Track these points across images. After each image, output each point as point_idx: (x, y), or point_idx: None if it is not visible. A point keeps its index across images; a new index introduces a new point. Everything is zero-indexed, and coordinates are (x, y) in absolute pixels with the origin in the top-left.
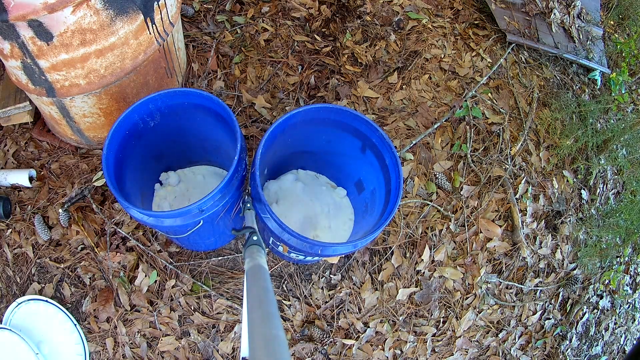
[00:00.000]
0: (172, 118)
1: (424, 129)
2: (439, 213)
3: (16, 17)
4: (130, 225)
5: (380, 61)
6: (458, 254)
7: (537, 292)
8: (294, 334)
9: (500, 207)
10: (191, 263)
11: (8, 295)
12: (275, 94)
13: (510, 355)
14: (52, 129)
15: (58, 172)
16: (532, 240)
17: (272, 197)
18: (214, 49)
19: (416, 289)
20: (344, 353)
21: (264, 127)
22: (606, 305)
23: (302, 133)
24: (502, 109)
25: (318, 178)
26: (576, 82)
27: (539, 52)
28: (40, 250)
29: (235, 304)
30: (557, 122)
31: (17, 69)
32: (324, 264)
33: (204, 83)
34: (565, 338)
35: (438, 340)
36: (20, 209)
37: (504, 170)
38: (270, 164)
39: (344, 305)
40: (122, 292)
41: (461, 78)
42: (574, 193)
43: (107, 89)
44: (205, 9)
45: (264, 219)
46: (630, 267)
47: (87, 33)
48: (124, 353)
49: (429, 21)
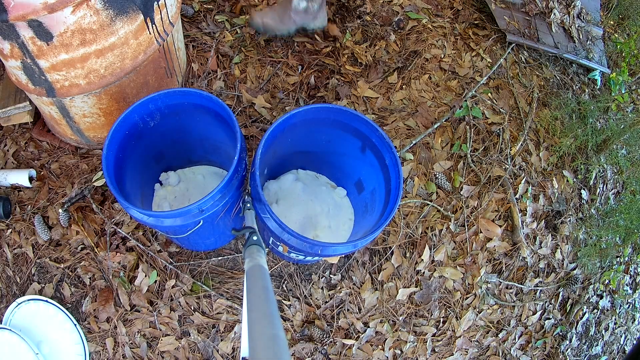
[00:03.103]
0: (172, 118)
1: (424, 129)
2: (439, 213)
3: (16, 17)
4: (130, 225)
5: (380, 61)
6: (458, 254)
7: (537, 292)
8: (294, 334)
9: (500, 207)
10: (191, 263)
11: (8, 295)
12: (275, 94)
13: (510, 355)
14: (52, 129)
15: (58, 172)
16: (532, 240)
17: (272, 197)
18: (214, 49)
19: (416, 289)
20: (344, 353)
21: (264, 127)
22: (606, 305)
23: (302, 133)
24: (502, 109)
25: (318, 178)
26: (576, 82)
27: (539, 52)
28: (40, 250)
29: (235, 304)
30: (556, 122)
31: (17, 69)
32: (324, 264)
33: (204, 83)
34: (565, 338)
35: (438, 340)
36: (20, 209)
37: (504, 170)
38: (270, 164)
39: (344, 305)
40: (122, 292)
41: (461, 78)
42: (574, 193)
43: (107, 89)
44: (205, 9)
45: (264, 219)
46: (630, 267)
47: (87, 33)
48: (124, 353)
49: (429, 21)
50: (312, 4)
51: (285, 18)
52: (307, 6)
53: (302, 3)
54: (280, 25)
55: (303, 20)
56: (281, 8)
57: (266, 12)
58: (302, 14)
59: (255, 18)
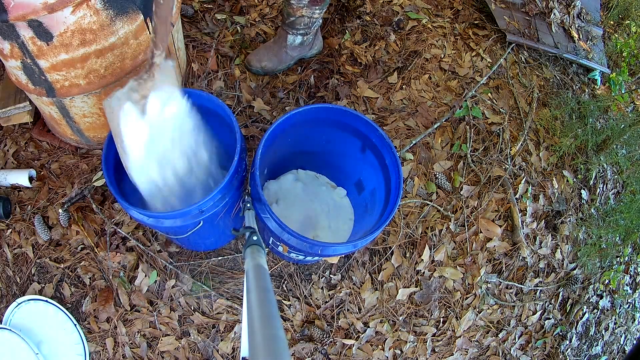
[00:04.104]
0: None
1: (424, 129)
2: (438, 213)
3: (16, 17)
4: (130, 225)
5: (380, 61)
6: (458, 254)
7: (537, 292)
8: (294, 334)
9: (500, 207)
10: (191, 263)
11: (8, 295)
12: (275, 94)
13: (510, 355)
14: (52, 129)
15: (58, 172)
16: (532, 240)
17: (272, 197)
18: (213, 49)
19: (416, 289)
20: (344, 353)
21: (264, 127)
22: (606, 305)
23: (302, 133)
24: (502, 109)
25: (318, 178)
26: (576, 81)
27: (539, 52)
28: (40, 250)
29: (235, 304)
30: (556, 121)
31: (17, 69)
32: (324, 264)
33: (204, 83)
34: (565, 338)
35: (438, 340)
36: (20, 209)
37: (504, 170)
38: (270, 164)
39: (344, 305)
40: (122, 292)
41: (461, 78)
42: (574, 193)
43: (107, 89)
44: (205, 9)
45: (264, 219)
46: (630, 267)
47: (87, 33)
48: (124, 353)
49: (429, 21)
50: (307, 37)
51: (282, 55)
52: (302, 40)
53: (297, 39)
54: (278, 65)
55: (300, 54)
56: (276, 46)
57: (262, 54)
58: (298, 49)
59: (253, 62)
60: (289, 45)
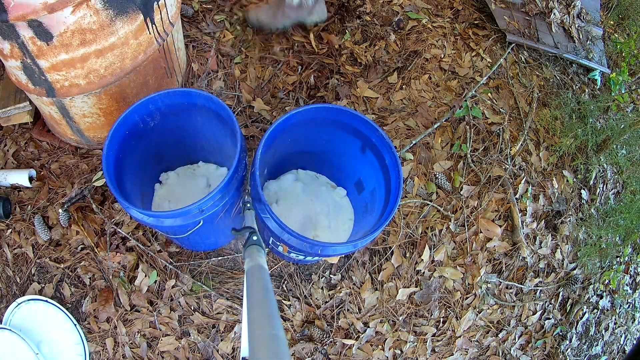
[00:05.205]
0: (172, 118)
1: (423, 129)
2: (438, 213)
3: (16, 17)
4: (130, 225)
5: (380, 61)
6: (458, 254)
7: (537, 292)
8: (294, 334)
9: (500, 207)
10: (191, 263)
11: (8, 295)
12: (275, 94)
13: (510, 355)
14: (52, 129)
15: (58, 172)
16: (532, 240)
17: (272, 197)
18: (214, 48)
19: (416, 289)
20: (344, 353)
21: (264, 127)
22: (606, 305)
23: (302, 133)
24: (502, 109)
25: (318, 178)
26: (576, 82)
27: (539, 52)
28: (40, 250)
29: (235, 304)
30: (556, 121)
31: (17, 69)
32: (324, 264)
33: (204, 83)
34: (565, 338)
35: (438, 340)
36: (20, 209)
37: (504, 170)
38: (270, 164)
39: (344, 305)
40: (122, 292)
41: (461, 78)
42: (574, 193)
43: (107, 89)
44: (205, 9)
45: (264, 219)
46: (630, 266)
47: (87, 33)
48: (124, 353)
49: (429, 21)
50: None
51: (279, 14)
52: (300, 2)
53: None
54: (274, 21)
55: (298, 15)
56: (275, 4)
57: (261, 9)
58: (296, 10)
59: (250, 14)
60: (287, 4)
